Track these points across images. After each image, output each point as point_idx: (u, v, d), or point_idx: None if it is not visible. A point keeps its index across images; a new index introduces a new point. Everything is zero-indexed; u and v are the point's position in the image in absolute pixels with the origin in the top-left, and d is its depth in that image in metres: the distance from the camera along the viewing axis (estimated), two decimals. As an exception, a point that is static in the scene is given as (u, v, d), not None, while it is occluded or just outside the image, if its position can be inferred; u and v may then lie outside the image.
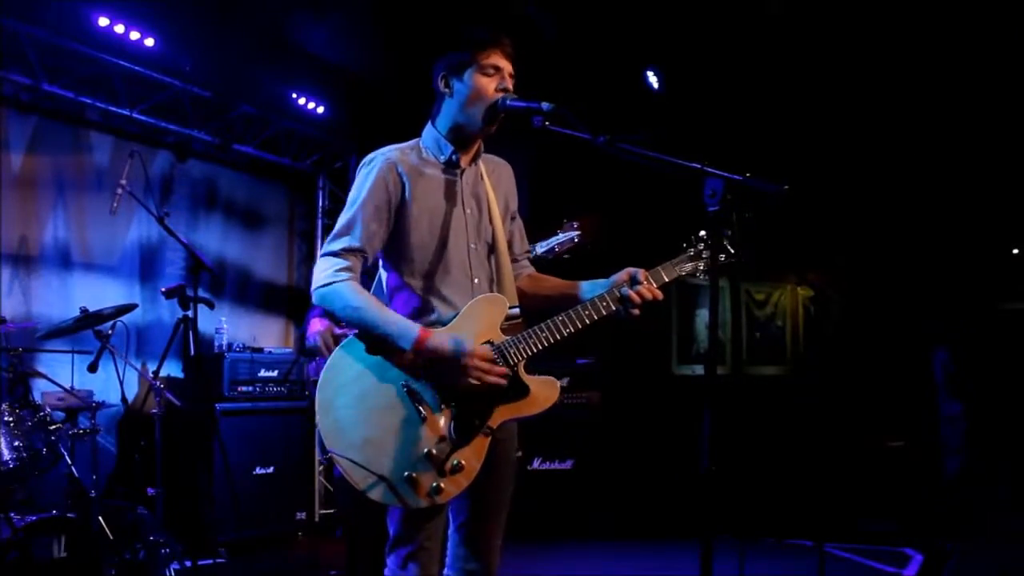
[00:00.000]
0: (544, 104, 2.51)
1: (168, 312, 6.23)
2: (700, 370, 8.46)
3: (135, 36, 5.68)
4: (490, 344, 2.51)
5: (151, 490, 4.52)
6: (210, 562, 4.88)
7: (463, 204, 2.65)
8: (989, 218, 7.77)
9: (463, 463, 2.44)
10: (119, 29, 5.60)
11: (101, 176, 6.10)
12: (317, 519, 7.31)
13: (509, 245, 2.76)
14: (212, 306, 4.69)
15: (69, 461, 4.17)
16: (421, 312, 2.58)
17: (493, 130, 2.64)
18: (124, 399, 4.51)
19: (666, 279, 2.69)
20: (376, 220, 2.56)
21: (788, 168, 6.61)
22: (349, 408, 2.44)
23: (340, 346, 2.53)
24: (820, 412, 7.28)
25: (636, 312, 2.59)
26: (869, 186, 7.66)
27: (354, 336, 2.53)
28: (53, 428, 4.12)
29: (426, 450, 2.42)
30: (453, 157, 2.65)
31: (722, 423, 2.26)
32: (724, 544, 2.56)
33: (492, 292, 2.65)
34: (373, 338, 2.48)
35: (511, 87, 2.61)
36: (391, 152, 2.64)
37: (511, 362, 2.51)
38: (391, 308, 2.59)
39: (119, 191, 4.80)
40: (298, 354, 6.58)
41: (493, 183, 2.74)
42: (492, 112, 2.59)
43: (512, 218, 2.81)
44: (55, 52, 5.58)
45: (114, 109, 6.04)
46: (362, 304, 2.47)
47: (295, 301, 7.80)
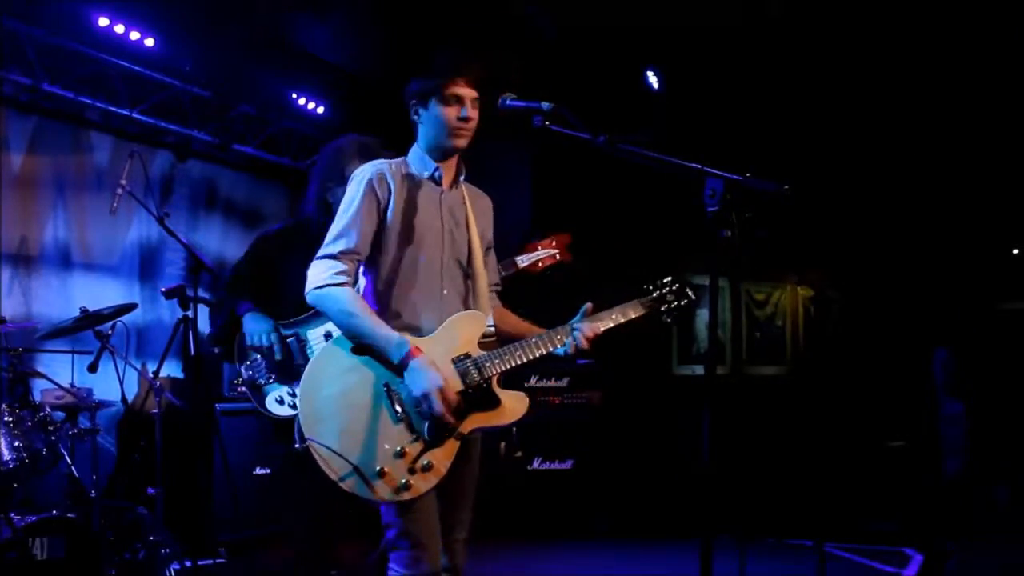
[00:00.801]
0: (544, 104, 2.53)
1: (168, 312, 6.23)
2: (700, 370, 8.46)
3: (135, 36, 5.67)
4: (468, 356, 2.66)
5: (151, 490, 4.51)
6: (210, 562, 4.87)
7: (442, 220, 2.78)
8: (989, 218, 7.77)
9: (433, 463, 2.56)
10: (119, 29, 5.60)
11: (101, 176, 6.10)
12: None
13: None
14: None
15: (69, 461, 4.17)
16: (389, 316, 2.69)
17: (461, 146, 2.75)
18: (124, 399, 4.51)
19: (601, 329, 2.85)
20: (369, 226, 2.69)
21: (788, 168, 6.62)
22: (332, 400, 2.57)
23: (331, 341, 2.68)
24: (820, 412, 7.29)
25: (577, 350, 2.80)
26: (869, 186, 7.66)
27: (341, 335, 2.65)
28: (53, 428, 4.12)
29: (399, 448, 2.54)
30: (436, 174, 2.78)
31: (722, 423, 2.27)
32: (724, 544, 2.56)
33: (464, 308, 2.78)
34: (364, 344, 2.61)
35: (473, 115, 2.70)
36: (381, 163, 2.77)
37: (485, 375, 2.66)
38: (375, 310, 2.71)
39: (119, 191, 4.79)
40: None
41: (474, 210, 2.86)
42: (454, 141, 2.72)
43: (487, 250, 2.93)
44: (55, 52, 5.57)
45: (114, 109, 6.04)
46: (357, 312, 2.60)
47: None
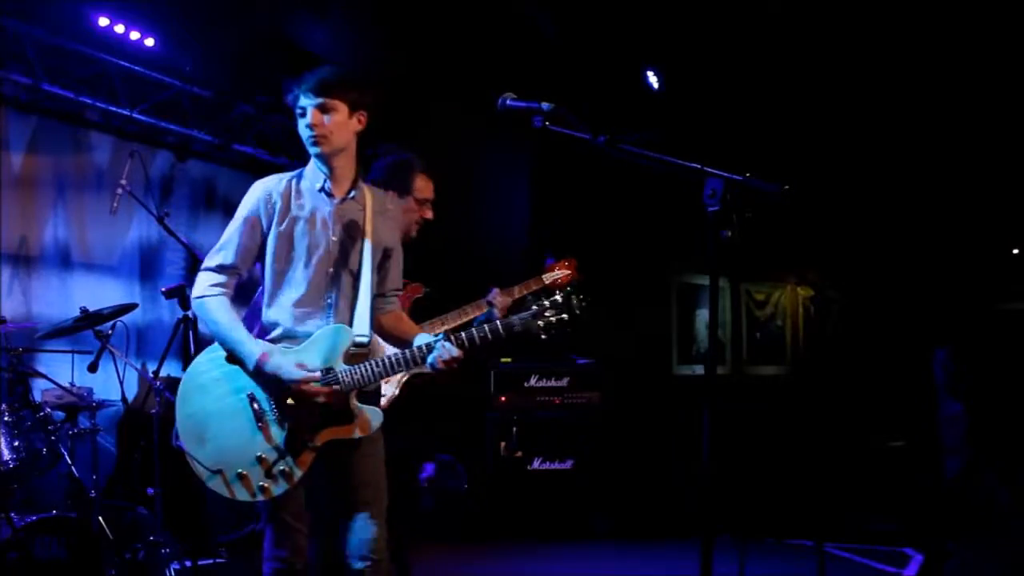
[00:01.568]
0: (544, 104, 2.52)
1: (168, 312, 6.23)
2: (700, 370, 8.46)
3: (135, 36, 5.68)
4: (331, 371, 2.77)
5: (151, 490, 4.51)
6: (210, 562, 4.87)
7: (329, 231, 2.86)
8: (989, 218, 7.77)
9: (287, 470, 2.75)
10: (119, 29, 5.60)
11: (101, 176, 6.10)
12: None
13: (381, 281, 2.98)
14: (212, 306, 4.68)
15: (69, 461, 4.17)
16: (275, 326, 2.84)
17: (319, 151, 2.85)
18: (124, 399, 4.51)
19: (469, 343, 2.81)
20: (248, 239, 2.85)
21: (788, 168, 6.62)
22: (202, 407, 2.81)
23: (207, 350, 2.87)
24: (820, 412, 7.28)
25: (435, 371, 2.81)
26: (869, 186, 7.66)
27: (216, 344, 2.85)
28: (53, 428, 4.12)
29: (257, 454, 2.75)
30: (325, 185, 2.89)
31: (722, 423, 2.26)
32: (724, 544, 2.56)
33: (348, 314, 2.86)
34: (226, 351, 2.82)
35: (315, 121, 2.84)
36: (271, 180, 2.91)
37: (344, 389, 2.76)
38: (257, 324, 2.89)
39: (119, 191, 4.80)
40: None
41: (376, 218, 2.94)
42: (311, 146, 2.86)
43: (387, 256, 2.99)
44: (55, 52, 5.57)
45: (114, 109, 6.04)
46: (220, 321, 2.80)
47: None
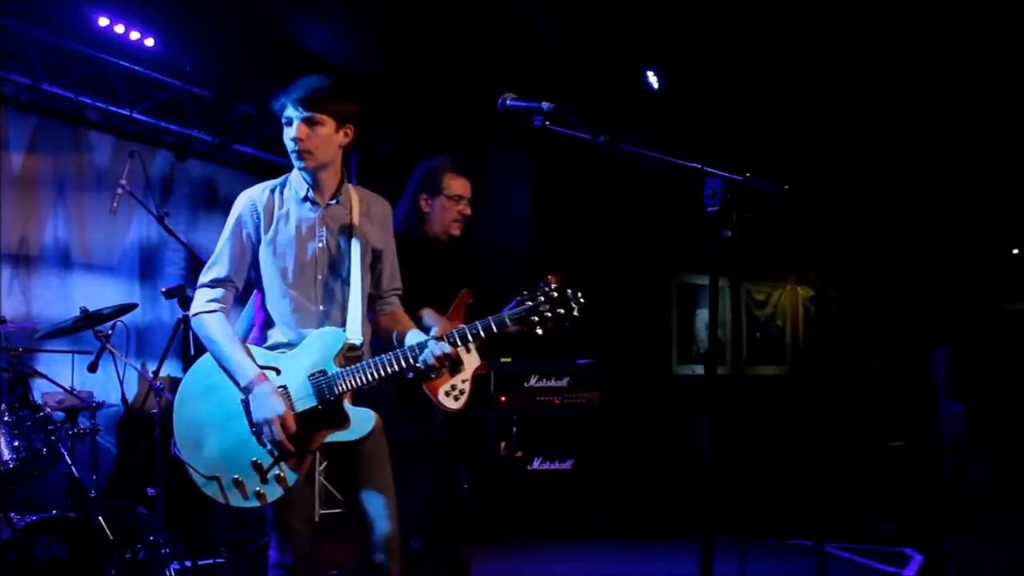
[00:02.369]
0: (544, 104, 2.52)
1: (168, 312, 6.23)
2: (700, 370, 8.46)
3: (135, 36, 5.67)
4: (323, 373, 2.77)
5: (151, 490, 4.51)
6: (210, 562, 4.88)
7: (316, 237, 2.87)
8: (989, 218, 7.77)
9: (281, 475, 2.75)
10: (119, 29, 5.59)
11: (101, 176, 6.10)
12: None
13: (377, 282, 2.99)
14: (212, 306, 4.69)
15: (69, 461, 4.17)
16: (270, 336, 2.87)
17: (303, 166, 2.85)
18: (124, 399, 4.51)
19: (469, 341, 2.80)
20: (238, 252, 2.87)
21: (788, 168, 6.62)
22: (200, 413, 2.83)
23: (202, 358, 2.87)
24: (820, 412, 7.28)
25: (428, 369, 2.79)
26: (869, 186, 7.66)
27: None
28: (53, 428, 4.12)
29: (252, 459, 2.75)
30: (308, 193, 2.89)
31: (722, 423, 2.26)
32: (724, 544, 2.56)
33: (341, 319, 2.87)
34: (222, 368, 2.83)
35: (300, 135, 2.82)
36: (255, 190, 2.93)
37: (336, 391, 2.76)
38: (255, 331, 2.92)
39: (119, 191, 4.80)
40: None
41: (363, 220, 2.94)
42: (295, 159, 2.84)
43: (378, 257, 2.99)
44: (55, 52, 5.57)
45: (114, 109, 6.04)
46: (216, 339, 2.81)
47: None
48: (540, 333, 2.78)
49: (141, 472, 5.03)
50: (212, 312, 2.85)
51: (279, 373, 2.81)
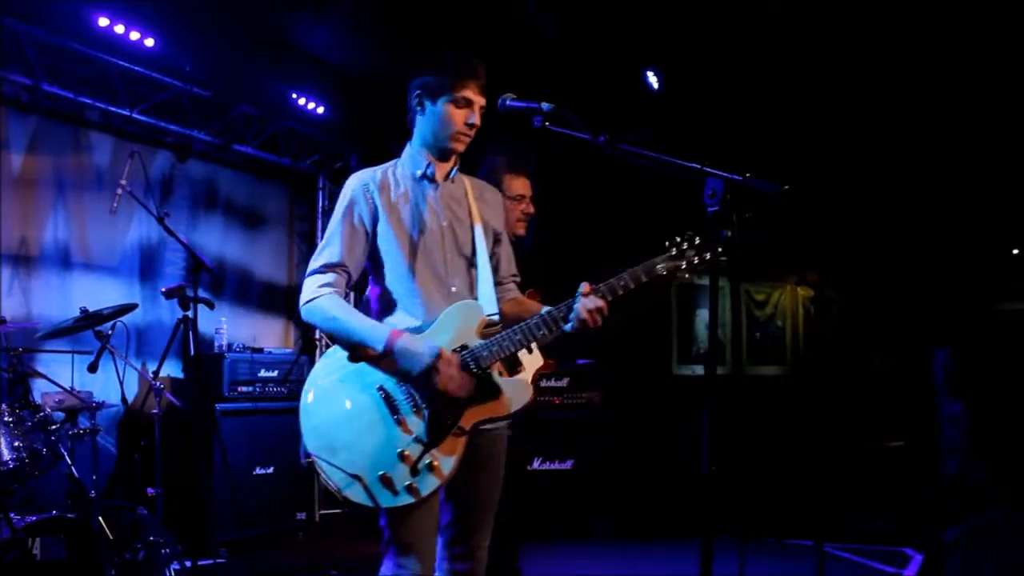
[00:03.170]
0: (544, 104, 2.52)
1: (168, 312, 6.23)
2: (700, 370, 8.46)
3: (135, 36, 5.67)
4: (465, 348, 2.58)
5: (151, 490, 4.52)
6: (210, 562, 4.88)
7: (438, 216, 2.74)
8: (989, 218, 7.77)
9: (435, 463, 2.50)
10: (119, 29, 5.60)
11: (101, 176, 6.10)
12: (317, 519, 7.31)
13: (495, 267, 2.85)
14: (212, 306, 4.69)
15: (69, 461, 4.16)
16: (400, 320, 2.66)
17: (459, 150, 2.74)
18: (124, 399, 4.51)
19: (613, 292, 2.61)
20: (352, 237, 2.69)
21: (788, 168, 6.61)
22: (329, 413, 2.57)
23: (324, 356, 2.67)
24: (820, 412, 7.28)
25: (579, 326, 2.56)
26: (869, 186, 7.66)
27: (332, 346, 2.66)
28: (53, 428, 4.11)
29: (399, 450, 2.50)
30: (428, 170, 2.75)
31: (722, 423, 2.27)
32: (724, 544, 2.56)
33: (471, 298, 2.72)
34: (351, 345, 2.61)
35: (478, 122, 2.70)
36: (365, 173, 2.77)
37: (483, 365, 2.56)
38: (375, 319, 2.69)
39: (119, 191, 4.80)
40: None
41: (478, 203, 2.83)
42: (456, 141, 2.70)
43: (497, 241, 2.88)
44: (55, 52, 5.58)
45: (114, 109, 6.04)
46: (338, 314, 2.61)
47: (295, 301, 7.76)
48: (687, 278, 2.60)
49: (141, 472, 5.04)
50: (326, 295, 2.64)
51: None
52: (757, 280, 9.11)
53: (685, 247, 2.58)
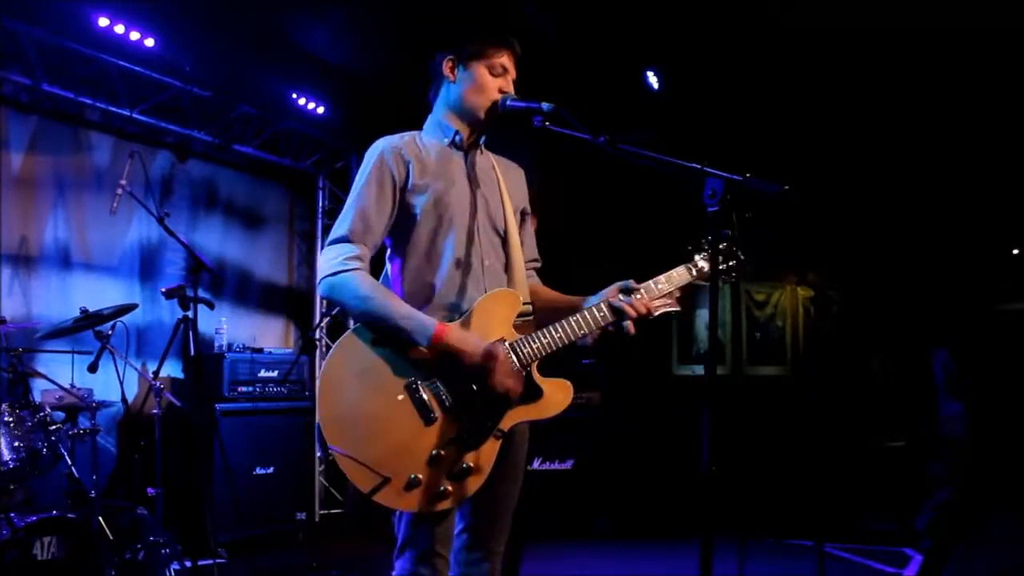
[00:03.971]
0: (544, 104, 2.51)
1: (168, 312, 6.23)
2: (700, 370, 8.46)
3: (135, 36, 5.67)
4: (502, 342, 2.42)
5: (151, 490, 4.52)
6: (210, 562, 4.87)
7: (471, 184, 2.59)
8: (989, 218, 7.77)
9: (472, 466, 2.33)
10: (119, 29, 5.60)
11: (101, 176, 6.11)
12: (317, 519, 7.31)
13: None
14: (212, 306, 4.69)
15: (69, 461, 4.17)
16: (427, 297, 2.47)
17: (487, 128, 2.65)
18: (124, 399, 4.51)
19: (666, 291, 2.61)
20: (381, 203, 2.47)
21: (788, 168, 6.61)
22: (354, 405, 2.31)
23: (345, 337, 2.39)
24: (820, 412, 7.28)
25: (631, 326, 2.52)
26: (869, 186, 7.66)
27: (356, 328, 2.40)
28: (53, 428, 4.12)
29: (434, 452, 2.30)
30: (456, 138, 2.61)
31: (722, 423, 2.26)
32: (724, 544, 2.56)
33: (504, 277, 2.57)
34: (385, 331, 2.35)
35: (513, 92, 2.62)
36: (394, 137, 2.59)
37: (524, 362, 2.41)
38: (398, 293, 2.48)
39: (119, 191, 4.80)
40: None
41: (505, 178, 2.70)
42: (492, 110, 2.59)
43: (523, 221, 2.73)
44: (55, 52, 5.58)
45: (114, 109, 6.05)
46: (374, 295, 2.36)
47: (295, 301, 7.80)
48: (721, 283, 2.65)
49: (141, 472, 5.03)
50: (354, 269, 2.38)
51: None
52: (757, 280, 9.10)
53: (711, 254, 2.56)
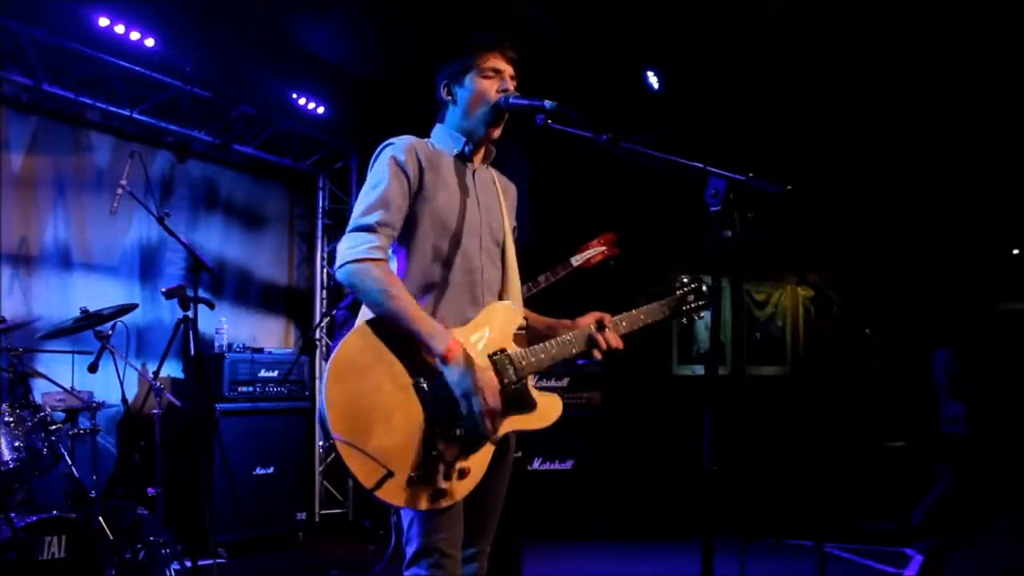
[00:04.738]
0: (547, 102, 2.51)
1: (168, 312, 6.23)
2: (700, 370, 8.46)
3: (135, 36, 5.67)
4: (503, 352, 2.51)
5: (151, 490, 4.52)
6: (210, 562, 4.88)
7: (476, 196, 2.63)
8: (989, 218, 7.78)
9: (468, 469, 2.38)
10: (119, 29, 5.60)
11: (101, 176, 6.11)
12: (317, 519, 7.31)
13: None
14: (212, 306, 4.69)
15: (69, 461, 4.17)
16: (426, 300, 2.51)
17: (498, 132, 2.66)
18: (124, 399, 4.51)
19: (629, 328, 2.80)
20: (401, 198, 2.48)
21: (790, 168, 6.62)
22: (359, 397, 2.30)
23: (354, 330, 2.39)
24: (820, 412, 7.28)
25: (599, 356, 2.70)
26: (869, 186, 7.67)
27: (373, 319, 2.41)
28: (53, 428, 4.12)
29: (435, 452, 2.33)
30: (466, 150, 2.64)
31: (722, 423, 2.26)
32: (724, 544, 2.56)
33: (501, 288, 2.65)
34: (397, 329, 2.37)
35: (512, 88, 2.62)
36: (408, 138, 2.60)
37: (522, 373, 2.50)
38: None
39: (119, 191, 4.80)
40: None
41: (504, 194, 2.76)
42: (496, 112, 2.60)
43: (514, 237, 2.78)
44: (55, 52, 5.58)
45: (114, 109, 6.04)
46: (397, 293, 2.35)
47: (295, 301, 7.80)
48: (684, 322, 2.91)
49: (141, 472, 5.03)
50: (379, 259, 2.37)
51: None
52: (757, 280, 9.11)
53: (686, 291, 2.86)
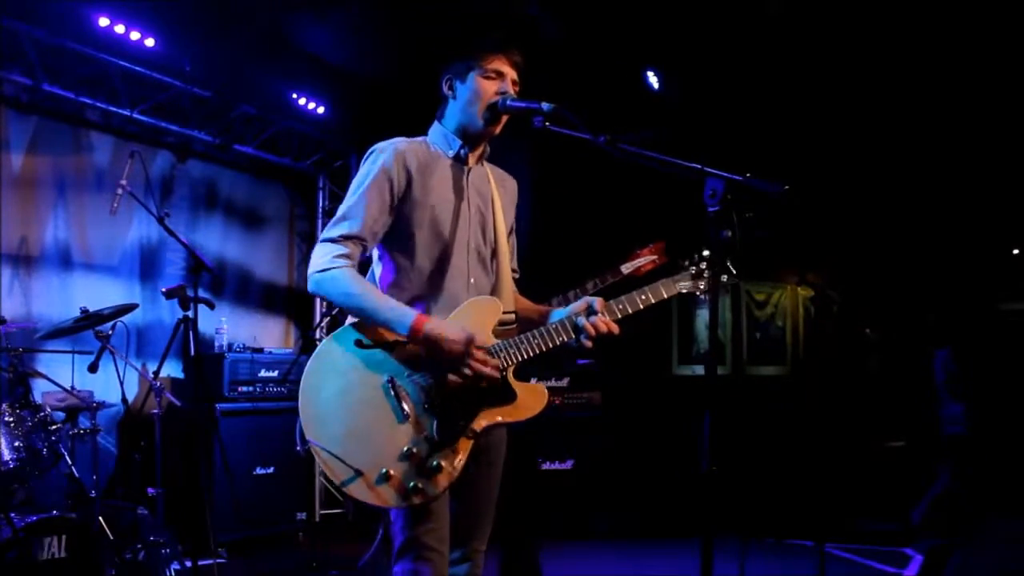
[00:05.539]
0: (544, 104, 2.51)
1: (168, 312, 6.24)
2: (700, 370, 8.46)
3: (135, 36, 5.68)
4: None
5: (151, 490, 4.52)
6: (210, 562, 4.88)
7: (468, 200, 2.65)
8: (989, 218, 7.77)
9: (443, 464, 2.39)
10: (119, 29, 5.60)
11: (101, 176, 6.11)
12: (317, 519, 7.31)
13: None
14: (212, 306, 4.69)
15: (69, 461, 4.17)
16: (415, 305, 2.55)
17: (496, 131, 2.66)
18: (124, 399, 4.51)
19: (630, 310, 2.68)
20: (378, 209, 2.53)
21: (789, 168, 6.62)
22: (333, 400, 2.42)
23: (330, 337, 2.50)
24: (820, 412, 7.28)
25: (589, 344, 2.57)
26: (869, 186, 7.66)
27: (348, 327, 2.51)
28: (53, 428, 4.12)
29: (406, 448, 2.38)
30: (462, 152, 2.66)
31: (722, 423, 2.26)
32: (724, 544, 2.56)
33: (492, 294, 2.65)
34: (370, 326, 2.47)
35: (513, 93, 2.62)
36: (400, 142, 2.62)
37: (501, 365, 2.49)
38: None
39: (119, 191, 4.80)
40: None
41: (499, 190, 2.76)
42: (492, 112, 2.61)
43: (510, 232, 2.81)
44: (55, 52, 5.58)
45: (114, 109, 6.05)
46: (360, 291, 2.45)
47: (295, 301, 7.80)
48: (705, 298, 2.71)
49: (141, 472, 5.04)
50: (342, 267, 2.47)
51: None
52: (757, 280, 9.11)
53: (703, 266, 2.67)
